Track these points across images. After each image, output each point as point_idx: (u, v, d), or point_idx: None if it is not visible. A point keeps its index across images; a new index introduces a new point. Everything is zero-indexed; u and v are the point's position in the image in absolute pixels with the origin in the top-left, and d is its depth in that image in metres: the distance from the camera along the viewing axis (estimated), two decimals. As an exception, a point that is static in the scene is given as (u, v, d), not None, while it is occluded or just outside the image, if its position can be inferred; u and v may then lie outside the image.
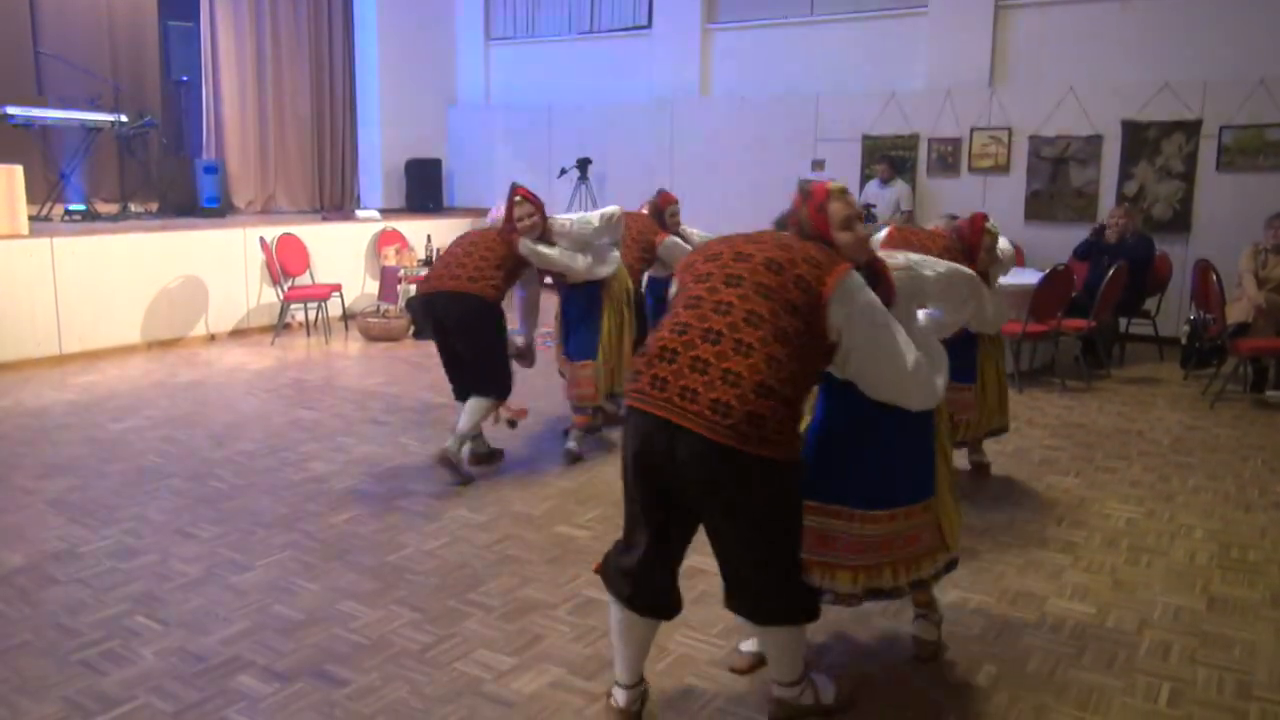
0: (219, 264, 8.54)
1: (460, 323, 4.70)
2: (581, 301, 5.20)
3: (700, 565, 3.79)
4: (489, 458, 5.06)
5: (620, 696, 2.67)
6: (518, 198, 4.86)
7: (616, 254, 5.20)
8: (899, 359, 2.52)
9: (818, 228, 2.61)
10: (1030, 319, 6.67)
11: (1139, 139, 8.70)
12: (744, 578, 2.54)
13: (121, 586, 3.54)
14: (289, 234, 8.97)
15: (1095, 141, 8.89)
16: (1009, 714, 2.78)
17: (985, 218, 4.42)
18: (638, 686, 2.68)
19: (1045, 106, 9.06)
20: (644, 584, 2.59)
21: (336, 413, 6.08)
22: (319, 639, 3.16)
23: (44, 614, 3.30)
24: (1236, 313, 6.63)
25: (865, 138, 10.00)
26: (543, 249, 4.85)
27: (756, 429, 2.26)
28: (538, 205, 4.90)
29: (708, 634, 3.23)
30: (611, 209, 5.17)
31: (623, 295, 5.25)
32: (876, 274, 2.66)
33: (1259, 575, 3.77)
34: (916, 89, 9.76)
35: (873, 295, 2.53)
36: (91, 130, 9.10)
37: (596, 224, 5.02)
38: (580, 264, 4.96)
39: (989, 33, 9.38)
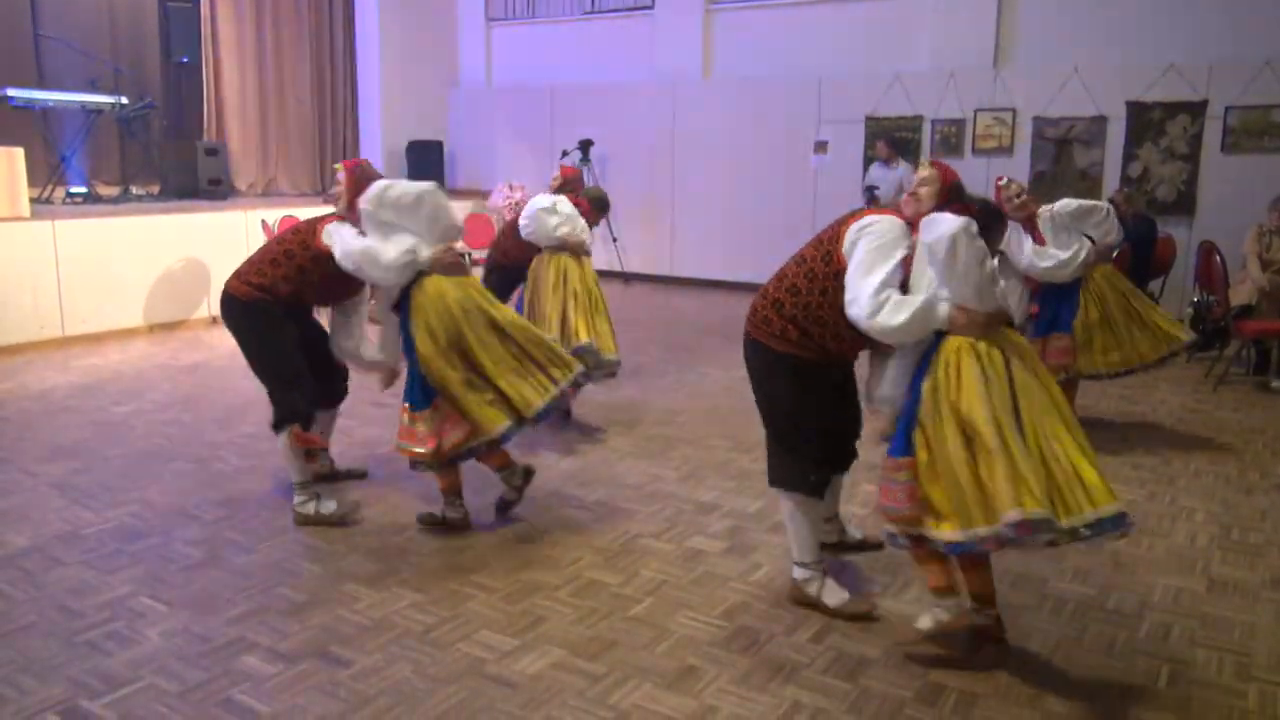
0: (221, 246, 8.52)
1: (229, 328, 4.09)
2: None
3: (700, 546, 3.81)
4: (333, 477, 4.41)
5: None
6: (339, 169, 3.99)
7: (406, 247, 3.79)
8: (868, 273, 2.92)
9: None
10: (1033, 300, 6.64)
11: (1144, 120, 8.65)
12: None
13: (126, 568, 3.56)
14: (290, 216, 8.95)
15: (1100, 123, 8.84)
16: (1009, 695, 2.79)
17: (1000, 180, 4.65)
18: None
19: (1049, 88, 9.01)
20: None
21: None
22: (323, 620, 3.18)
23: (49, 595, 3.32)
24: (1240, 295, 6.61)
25: (868, 119, 9.95)
26: (339, 239, 3.80)
27: (765, 325, 3.26)
28: (353, 179, 3.85)
29: (709, 615, 3.24)
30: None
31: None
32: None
33: (1259, 558, 3.78)
34: (920, 70, 9.70)
35: (880, 231, 2.99)
36: (92, 113, 9.08)
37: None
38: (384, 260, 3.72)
39: (993, 13, 9.31)
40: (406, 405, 3.78)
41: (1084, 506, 2.67)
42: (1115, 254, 6.21)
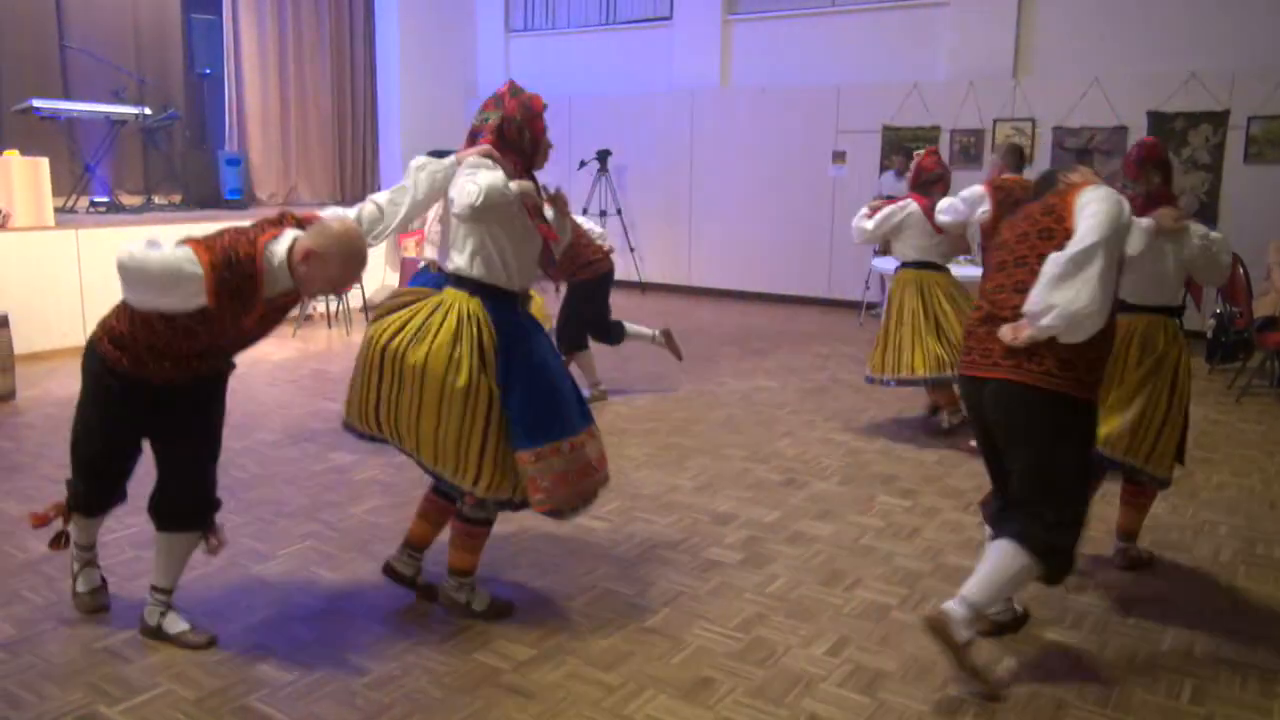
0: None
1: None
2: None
3: (716, 557, 3.80)
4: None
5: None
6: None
7: None
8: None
9: None
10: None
11: (1165, 130, 8.59)
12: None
13: (145, 575, 3.56)
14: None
15: (1120, 133, 8.79)
16: (1028, 708, 2.77)
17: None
18: None
19: (1069, 97, 8.96)
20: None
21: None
22: (339, 628, 3.19)
23: (69, 602, 3.34)
24: (1264, 306, 6.55)
25: (886, 129, 9.94)
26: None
27: (1028, 361, 2.81)
28: None
29: (725, 626, 3.23)
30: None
31: None
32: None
33: (1284, 572, 3.73)
34: (938, 80, 9.68)
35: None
36: (116, 123, 9.18)
37: None
38: None
39: (1013, 23, 9.29)
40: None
41: None
42: None
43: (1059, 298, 2.66)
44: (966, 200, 5.03)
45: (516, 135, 3.17)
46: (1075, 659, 3.05)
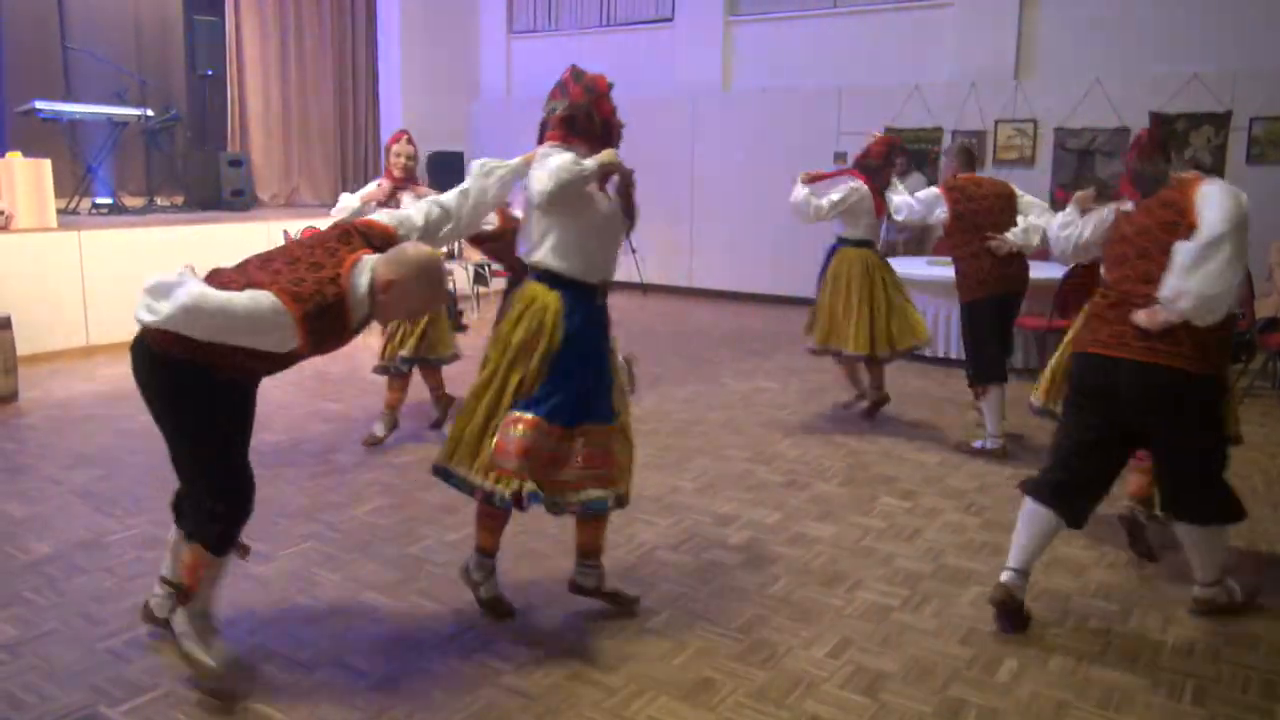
0: (243, 256, 8.56)
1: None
2: None
3: (717, 558, 3.80)
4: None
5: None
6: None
7: None
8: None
9: None
10: (1056, 313, 6.60)
11: (1167, 131, 8.58)
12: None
13: (147, 575, 3.57)
14: (312, 226, 9.01)
15: (1122, 134, 8.78)
16: (1030, 710, 2.76)
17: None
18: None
19: (1071, 98, 8.96)
20: None
21: (359, 405, 6.12)
22: (340, 629, 3.19)
23: (71, 602, 3.35)
24: (1265, 308, 6.54)
25: (888, 130, 9.90)
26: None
27: (1171, 345, 3.03)
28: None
29: (727, 627, 3.23)
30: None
31: None
32: None
33: (1286, 573, 3.72)
34: (940, 81, 9.68)
35: None
36: (118, 124, 9.19)
37: None
38: None
39: (1014, 24, 9.29)
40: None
41: None
42: None
43: (1193, 284, 2.90)
44: (922, 202, 5.25)
45: (586, 120, 3.13)
46: (1077, 660, 3.05)
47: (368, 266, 2.63)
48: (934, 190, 5.23)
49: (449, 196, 3.13)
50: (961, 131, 9.53)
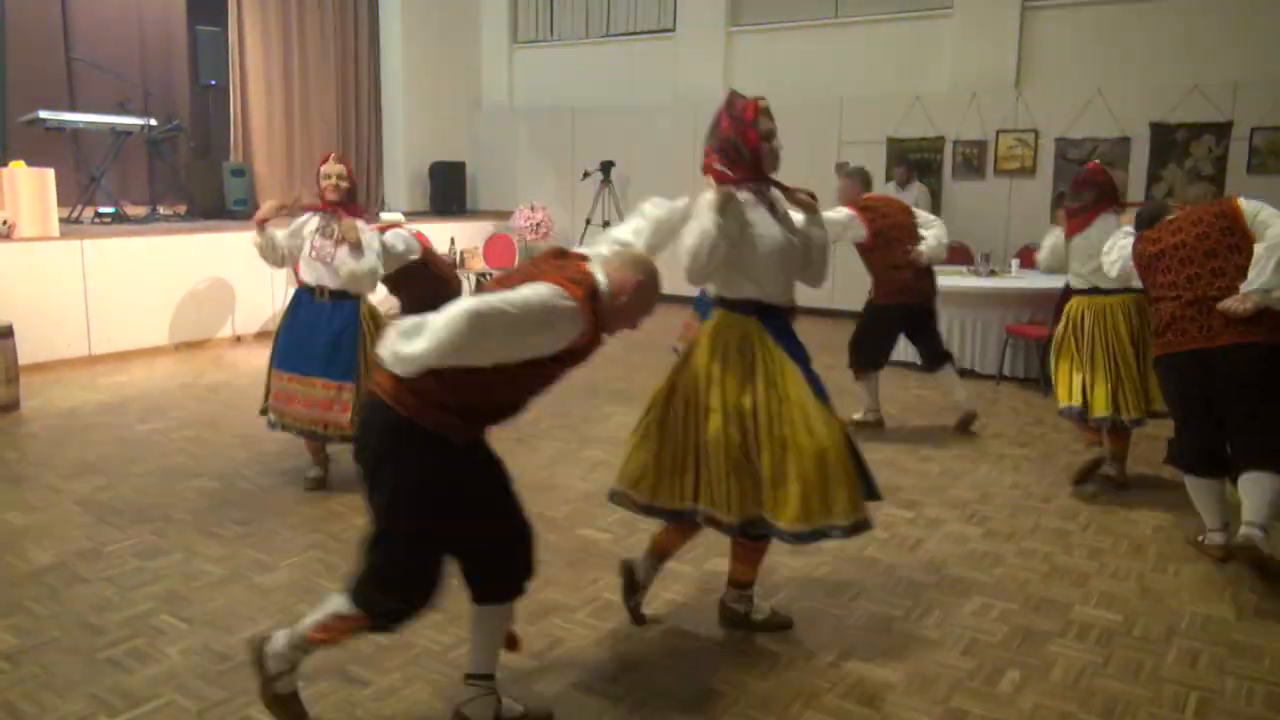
0: (246, 266, 8.58)
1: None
2: None
3: (719, 569, 3.79)
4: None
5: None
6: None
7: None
8: None
9: None
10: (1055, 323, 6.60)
11: (1167, 141, 8.60)
12: None
13: (148, 585, 3.58)
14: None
15: (1123, 144, 8.80)
16: (1032, 719, 2.76)
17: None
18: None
19: (1072, 108, 8.98)
20: None
21: (360, 414, 6.11)
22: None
23: (72, 612, 3.34)
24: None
25: (890, 140, 9.95)
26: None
27: (1250, 325, 3.74)
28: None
29: (730, 637, 3.22)
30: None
31: None
32: None
33: (1290, 584, 3.71)
34: (941, 91, 9.70)
35: None
36: (121, 134, 9.22)
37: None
38: None
39: (1015, 34, 9.31)
40: None
41: None
42: None
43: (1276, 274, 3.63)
44: (835, 223, 5.40)
45: (735, 153, 3.19)
46: (1080, 671, 3.04)
47: (600, 269, 2.53)
48: (846, 211, 5.54)
49: (623, 230, 3.13)
50: (962, 141, 9.55)
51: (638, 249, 2.93)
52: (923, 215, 5.79)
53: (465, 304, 2.27)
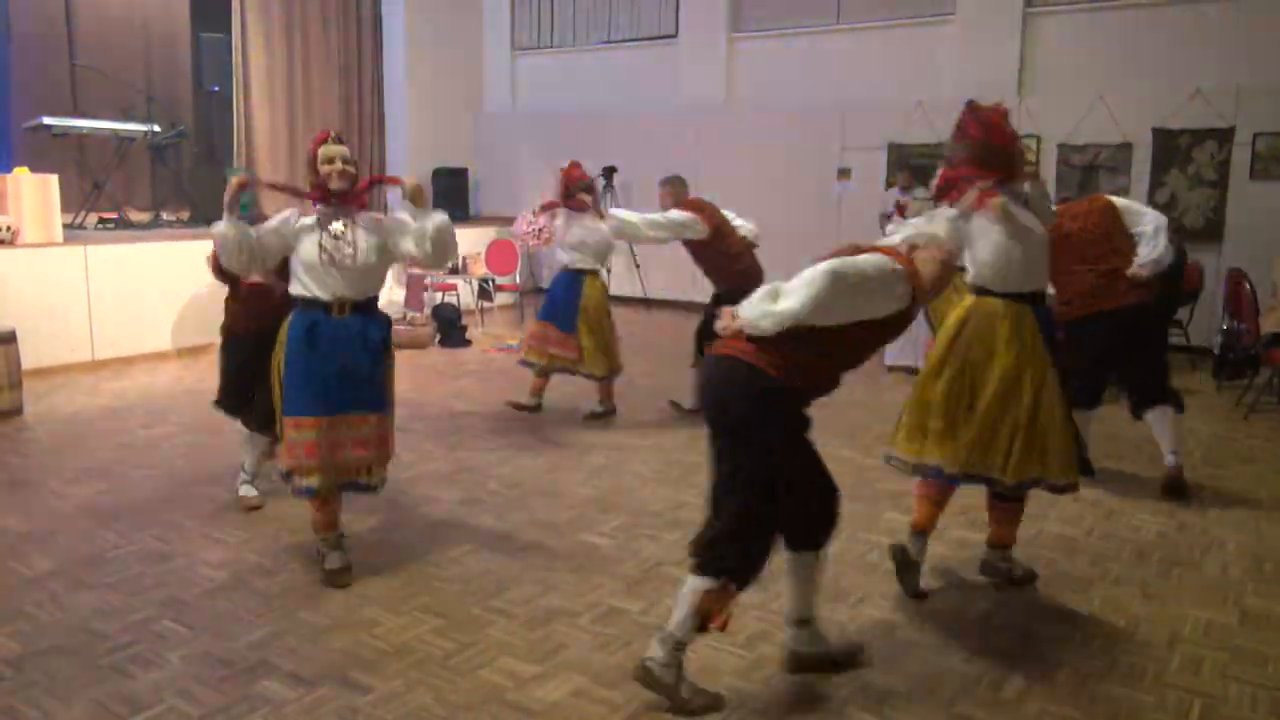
0: (248, 272, 8.62)
1: None
2: None
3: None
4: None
5: None
6: None
7: None
8: None
9: None
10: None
11: (1170, 147, 8.60)
12: None
13: (150, 591, 3.58)
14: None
15: (1125, 150, 8.80)
16: (1036, 728, 2.75)
17: None
18: None
19: (1074, 114, 8.97)
20: None
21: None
22: (343, 645, 3.18)
23: (74, 617, 3.34)
24: (1270, 323, 6.52)
25: (891, 146, 9.95)
26: None
27: None
28: None
29: (731, 644, 3.21)
30: None
31: None
32: None
33: (1294, 590, 3.70)
34: (943, 97, 9.68)
35: None
36: (125, 140, 9.24)
37: None
38: None
39: (1017, 40, 9.31)
40: None
41: None
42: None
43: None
44: (675, 223, 5.91)
45: (990, 156, 3.56)
46: (1083, 677, 3.03)
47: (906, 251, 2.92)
48: (684, 214, 5.91)
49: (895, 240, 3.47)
50: (965, 147, 9.53)
51: (938, 234, 3.30)
52: (731, 212, 6.32)
53: (824, 265, 2.65)
